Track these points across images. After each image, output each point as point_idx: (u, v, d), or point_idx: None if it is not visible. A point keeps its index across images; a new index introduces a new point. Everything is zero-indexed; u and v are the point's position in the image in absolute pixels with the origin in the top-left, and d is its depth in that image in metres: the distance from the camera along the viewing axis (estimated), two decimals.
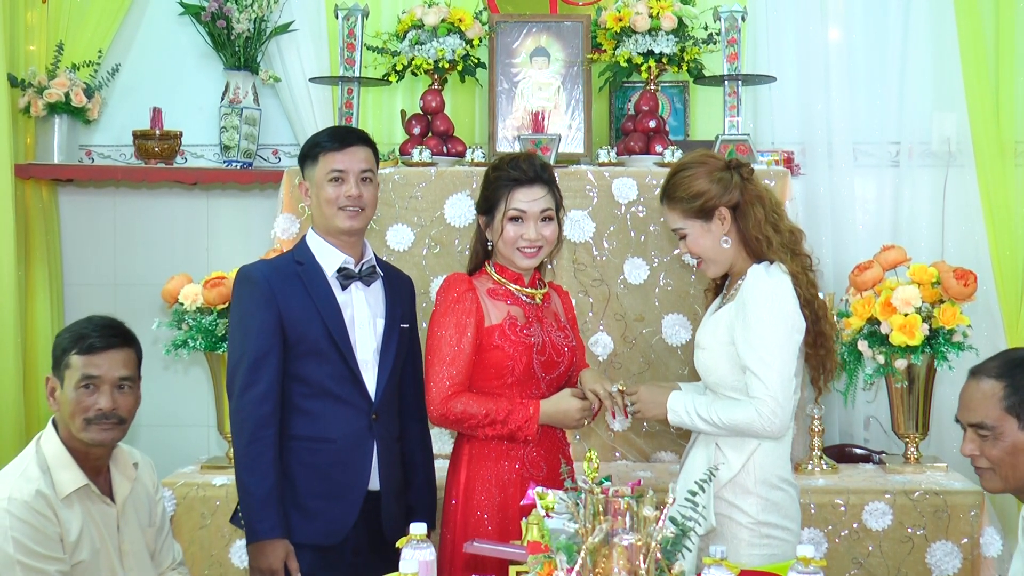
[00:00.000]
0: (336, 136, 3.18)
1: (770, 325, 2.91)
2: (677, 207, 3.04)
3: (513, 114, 4.33)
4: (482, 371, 3.15)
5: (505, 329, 3.14)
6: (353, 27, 4.21)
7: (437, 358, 3.12)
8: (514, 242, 3.14)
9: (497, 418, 3.08)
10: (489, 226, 3.21)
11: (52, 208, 4.77)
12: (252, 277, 3.11)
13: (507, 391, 3.15)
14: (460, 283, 3.18)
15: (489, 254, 3.26)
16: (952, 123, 4.55)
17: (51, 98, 4.49)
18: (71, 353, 2.76)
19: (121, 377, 2.79)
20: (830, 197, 4.55)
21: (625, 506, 2.22)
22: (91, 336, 2.77)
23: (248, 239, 4.67)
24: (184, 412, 4.76)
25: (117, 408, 2.77)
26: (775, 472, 2.99)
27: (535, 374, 3.17)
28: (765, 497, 2.95)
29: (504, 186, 3.15)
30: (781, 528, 2.98)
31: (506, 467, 3.14)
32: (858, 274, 3.91)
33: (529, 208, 3.14)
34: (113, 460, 2.87)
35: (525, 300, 3.21)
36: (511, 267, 3.21)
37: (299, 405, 3.07)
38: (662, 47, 4.16)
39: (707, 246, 3.04)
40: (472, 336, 3.11)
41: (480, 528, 3.09)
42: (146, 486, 2.97)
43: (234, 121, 4.59)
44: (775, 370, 2.89)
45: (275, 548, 2.97)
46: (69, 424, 2.76)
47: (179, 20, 4.70)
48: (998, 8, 4.52)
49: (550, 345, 3.19)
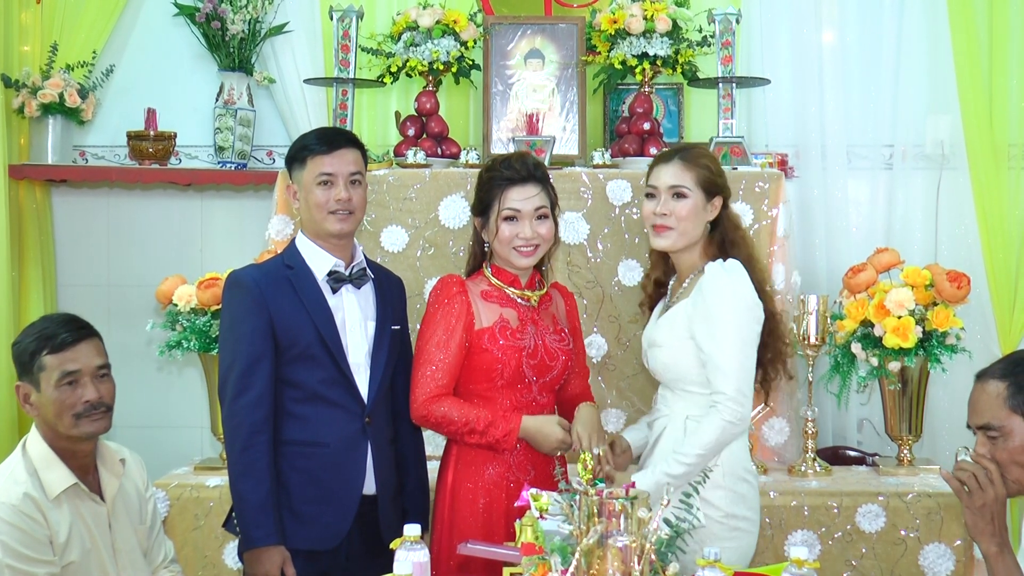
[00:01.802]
0: (324, 139, 3.15)
1: (731, 317, 2.97)
2: (694, 170, 3.09)
3: (507, 116, 4.33)
4: (471, 373, 3.14)
5: (495, 332, 3.13)
6: (348, 28, 4.21)
7: (423, 359, 3.12)
8: (510, 241, 3.14)
9: (476, 428, 3.07)
10: (485, 227, 3.20)
11: (46, 209, 4.77)
12: (242, 282, 3.09)
13: (496, 393, 3.15)
14: (451, 285, 3.18)
15: (487, 256, 3.25)
16: (946, 126, 4.56)
17: (45, 99, 4.48)
18: (43, 354, 2.74)
19: (98, 366, 2.80)
20: (824, 199, 4.55)
21: (619, 508, 2.22)
22: (60, 333, 2.76)
23: (242, 240, 4.67)
24: (178, 413, 4.75)
25: (102, 397, 2.78)
26: (741, 464, 3.05)
27: (525, 377, 3.16)
28: (733, 489, 2.99)
29: (497, 186, 3.15)
30: (748, 520, 3.04)
31: (492, 471, 3.13)
32: (852, 276, 3.92)
33: (523, 207, 3.13)
34: (100, 458, 2.87)
35: (520, 302, 3.20)
36: (509, 268, 3.20)
37: (291, 410, 3.06)
38: (656, 49, 4.16)
39: (695, 219, 3.10)
40: (460, 339, 3.11)
41: (467, 530, 3.08)
42: (136, 483, 2.96)
43: (228, 122, 4.58)
44: (736, 361, 2.95)
45: (271, 555, 2.96)
46: (56, 424, 2.75)
47: (173, 21, 4.70)
48: (991, 11, 4.53)
49: (543, 349, 3.18)
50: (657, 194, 3.11)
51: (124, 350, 4.54)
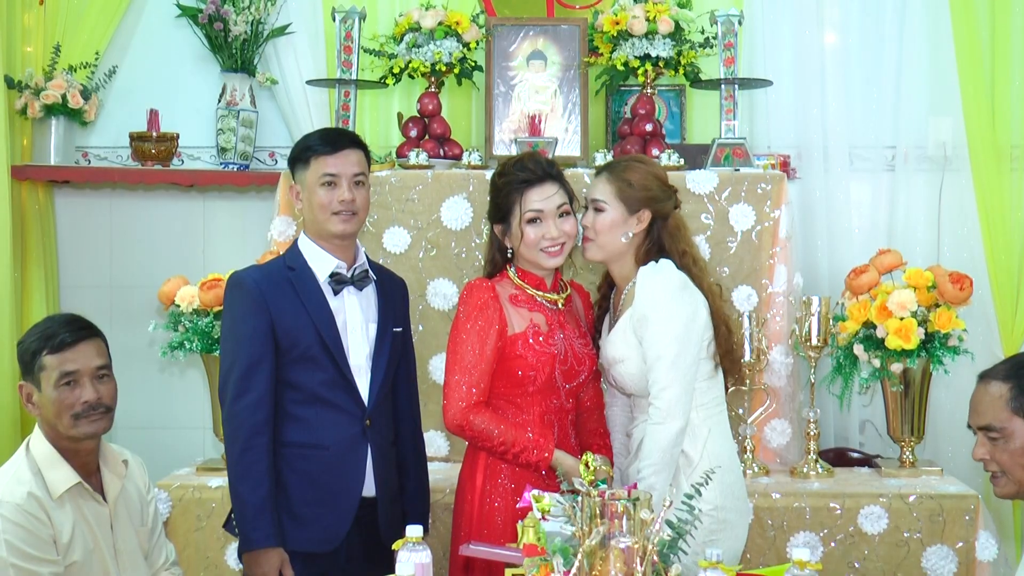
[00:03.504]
0: (328, 139, 3.14)
1: (662, 314, 3.03)
2: (615, 184, 3.14)
3: (510, 117, 4.33)
4: (503, 379, 3.11)
5: (528, 338, 3.10)
6: (350, 30, 4.21)
7: (460, 366, 3.08)
8: (536, 244, 3.11)
9: (512, 450, 3.05)
10: (507, 233, 3.16)
11: (48, 210, 4.77)
12: (243, 283, 3.08)
13: (526, 400, 3.12)
14: (483, 290, 3.13)
15: (508, 261, 3.22)
16: (948, 127, 4.55)
17: (48, 100, 4.48)
18: (43, 354, 2.75)
19: (98, 367, 2.79)
20: (826, 201, 4.55)
21: (622, 509, 2.22)
22: (60, 333, 2.76)
23: (245, 241, 4.67)
24: (180, 414, 4.75)
25: (101, 397, 2.77)
26: (726, 455, 3.10)
27: (556, 384, 3.14)
28: (721, 481, 3.00)
29: (515, 190, 3.12)
30: (735, 511, 3.10)
31: (524, 473, 3.09)
32: (854, 278, 3.91)
33: (545, 206, 3.11)
34: (103, 459, 2.87)
35: (548, 306, 3.18)
36: (535, 270, 3.18)
37: (291, 412, 3.05)
38: (659, 51, 4.16)
39: (613, 232, 3.14)
40: (494, 345, 3.08)
41: (496, 533, 3.04)
42: (137, 485, 2.96)
43: (231, 123, 4.58)
44: (668, 362, 3.01)
45: (270, 557, 2.95)
46: (56, 424, 2.75)
47: (176, 22, 4.70)
48: (994, 13, 4.52)
49: (572, 355, 3.16)
50: (588, 207, 3.18)
51: (126, 351, 4.54)
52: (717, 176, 4.02)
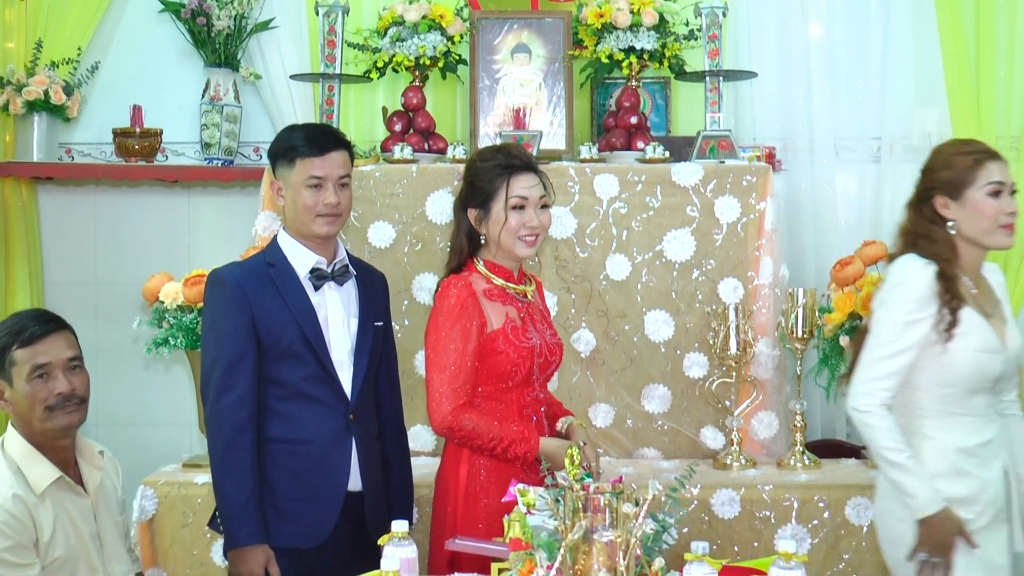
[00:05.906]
0: (314, 141, 3.09)
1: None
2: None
3: (494, 111, 4.32)
4: (484, 376, 3.09)
5: (508, 334, 3.08)
6: (334, 24, 4.20)
7: (443, 366, 3.04)
8: (517, 230, 3.08)
9: (500, 446, 3.03)
10: (484, 219, 3.13)
11: (32, 206, 4.75)
12: (223, 281, 3.06)
13: (505, 394, 3.11)
14: (462, 288, 3.08)
15: (475, 250, 3.20)
16: (933, 119, 4.56)
17: (30, 96, 4.46)
18: (13, 349, 2.73)
19: (70, 358, 2.78)
20: (811, 193, 4.56)
21: (605, 503, 2.22)
22: (29, 327, 2.75)
23: (229, 237, 4.66)
24: (165, 410, 4.73)
25: (75, 389, 2.76)
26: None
27: (533, 376, 3.14)
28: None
29: (500, 175, 3.09)
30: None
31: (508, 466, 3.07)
32: (839, 270, 3.92)
33: (530, 194, 3.09)
34: (79, 452, 2.86)
35: (518, 299, 3.16)
36: (504, 262, 3.15)
37: (274, 407, 3.04)
38: (643, 43, 4.15)
39: None
40: (476, 345, 3.05)
41: (481, 526, 3.02)
42: (112, 478, 2.96)
43: (215, 119, 4.57)
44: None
45: (255, 554, 2.94)
46: (30, 418, 2.74)
47: (159, 17, 4.69)
48: (978, 4, 4.52)
49: (545, 347, 3.16)
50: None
51: (111, 348, 4.55)
52: (702, 168, 4.02)
